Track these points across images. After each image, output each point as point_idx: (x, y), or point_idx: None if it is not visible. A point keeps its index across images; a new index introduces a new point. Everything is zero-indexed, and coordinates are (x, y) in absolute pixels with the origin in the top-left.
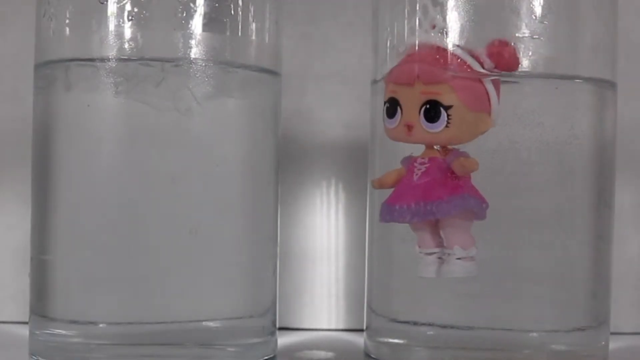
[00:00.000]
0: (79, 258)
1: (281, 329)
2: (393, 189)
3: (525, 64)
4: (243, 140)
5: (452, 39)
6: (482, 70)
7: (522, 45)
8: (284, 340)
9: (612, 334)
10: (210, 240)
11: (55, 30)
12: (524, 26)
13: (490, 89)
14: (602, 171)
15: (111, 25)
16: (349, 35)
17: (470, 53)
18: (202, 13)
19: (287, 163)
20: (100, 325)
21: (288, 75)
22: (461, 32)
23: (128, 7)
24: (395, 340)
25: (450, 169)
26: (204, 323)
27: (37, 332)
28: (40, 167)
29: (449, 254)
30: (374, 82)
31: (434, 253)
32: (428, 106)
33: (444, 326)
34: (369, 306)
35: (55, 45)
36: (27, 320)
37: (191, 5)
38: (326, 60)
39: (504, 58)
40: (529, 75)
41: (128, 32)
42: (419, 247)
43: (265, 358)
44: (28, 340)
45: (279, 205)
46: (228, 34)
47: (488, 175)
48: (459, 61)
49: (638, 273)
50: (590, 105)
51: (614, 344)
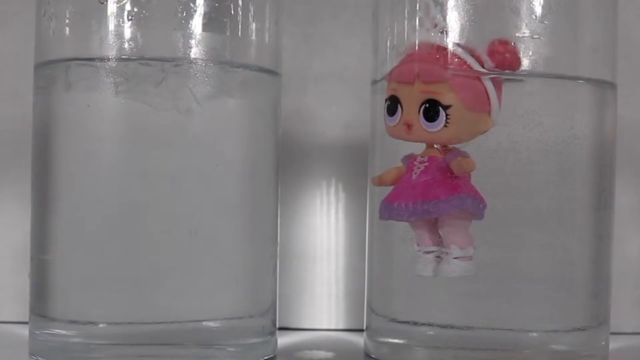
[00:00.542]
0: (79, 258)
1: (281, 329)
2: (393, 186)
3: (525, 63)
4: (243, 140)
5: (453, 38)
6: (482, 70)
7: (522, 45)
8: (284, 340)
9: (612, 334)
10: (210, 240)
11: (55, 30)
12: (524, 26)
13: (491, 89)
14: (602, 171)
15: (111, 25)
16: (349, 35)
17: (470, 52)
18: (202, 13)
19: (287, 163)
20: (100, 325)
21: (288, 75)
22: (461, 32)
23: (128, 7)
24: (395, 340)
25: (449, 168)
26: (204, 323)
27: (37, 332)
28: (40, 167)
29: (446, 253)
30: (374, 82)
31: (432, 252)
32: (427, 105)
33: (444, 326)
34: (369, 306)
35: (55, 45)
36: (27, 320)
37: (191, 5)
38: (326, 60)
39: (505, 57)
40: (529, 75)
41: (128, 32)
42: (418, 246)
43: (265, 358)
44: (28, 340)
45: (279, 205)
46: (228, 34)
47: (488, 175)
48: (459, 60)
49: (638, 273)
50: (590, 105)
51: (614, 344)
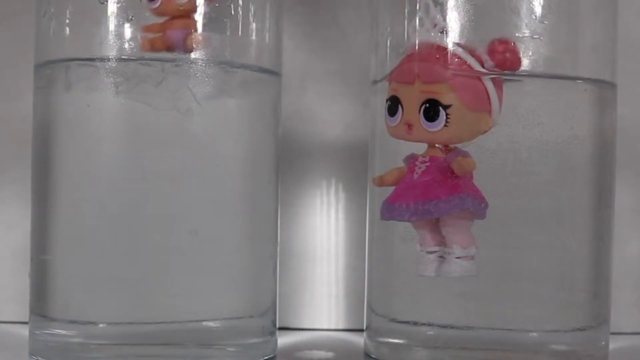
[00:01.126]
0: (79, 258)
1: (281, 329)
2: (394, 187)
3: (525, 63)
4: (243, 140)
5: (453, 38)
6: (483, 70)
7: (522, 45)
8: (284, 340)
9: (612, 334)
10: (210, 240)
11: (55, 30)
12: (524, 26)
13: (491, 89)
14: (602, 171)
15: (111, 25)
16: (349, 35)
17: (470, 52)
18: (202, 13)
19: (287, 163)
20: (100, 325)
21: (288, 75)
22: (461, 32)
23: (128, 7)
24: (395, 340)
25: (450, 168)
26: (204, 323)
27: (37, 332)
28: (40, 167)
29: (449, 253)
30: (374, 83)
31: (435, 252)
32: (427, 105)
33: (444, 326)
34: (369, 306)
35: (55, 45)
36: (27, 320)
37: None
38: (326, 60)
39: (505, 57)
40: (529, 75)
41: (128, 32)
42: (421, 246)
43: (265, 358)
44: (28, 340)
45: (279, 205)
46: (228, 34)
47: (488, 175)
48: (459, 60)
49: (638, 273)
50: (590, 105)
51: (614, 344)
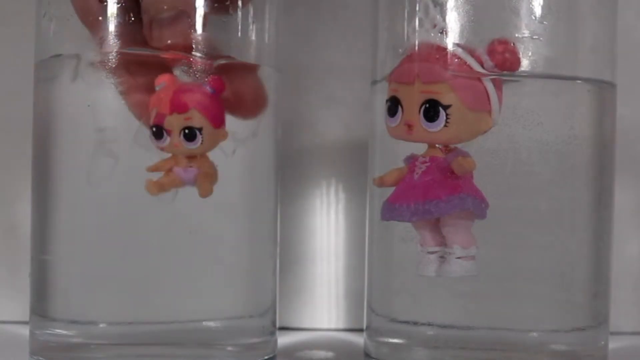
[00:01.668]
0: (79, 258)
1: (281, 329)
2: (394, 187)
3: (525, 64)
4: (243, 140)
5: (453, 38)
6: (482, 70)
7: (522, 46)
8: (284, 340)
9: (612, 334)
10: (210, 240)
11: (55, 30)
12: (523, 26)
13: (491, 89)
14: (602, 171)
15: (111, 26)
16: (349, 35)
17: (470, 52)
18: (202, 13)
19: (287, 163)
20: (101, 325)
21: (288, 76)
22: (461, 32)
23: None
24: (395, 340)
25: (450, 168)
26: (204, 323)
27: (37, 332)
28: (41, 167)
29: (449, 253)
30: (374, 83)
31: (436, 252)
32: (427, 105)
33: (444, 326)
34: (369, 306)
35: (55, 45)
36: (27, 320)
37: None
38: (326, 60)
39: (505, 57)
40: (529, 76)
41: (128, 32)
42: (421, 246)
43: (265, 358)
44: (28, 340)
45: (279, 205)
46: (228, 34)
47: (488, 175)
48: (458, 61)
49: (638, 273)
50: (590, 105)
51: (614, 344)
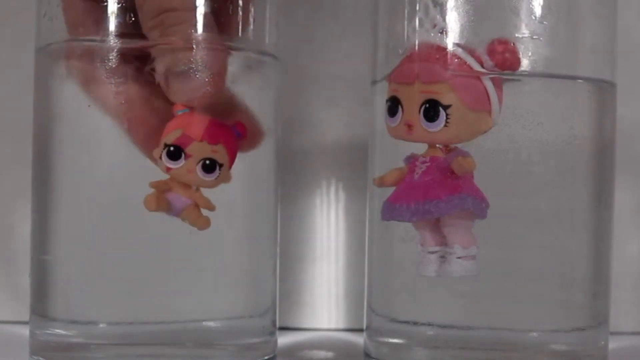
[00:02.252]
0: (79, 258)
1: (281, 329)
2: (395, 187)
3: (525, 64)
4: None
5: (453, 38)
6: (482, 70)
7: (522, 46)
8: (284, 340)
9: (612, 334)
10: (210, 240)
11: (55, 30)
12: (523, 26)
13: (491, 89)
14: (602, 171)
15: (111, 26)
16: (349, 36)
17: (470, 52)
18: (202, 13)
19: (287, 163)
20: (101, 325)
21: (288, 76)
22: (461, 32)
23: (128, 7)
24: (395, 340)
25: (450, 168)
26: (204, 323)
27: (37, 332)
28: (41, 167)
29: (450, 253)
30: (374, 83)
31: (436, 252)
32: (427, 105)
33: (444, 326)
34: (369, 306)
35: (55, 45)
36: (27, 320)
37: None
38: (326, 60)
39: (505, 57)
40: (529, 75)
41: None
42: (422, 246)
43: (265, 358)
44: (28, 340)
45: (279, 205)
46: (228, 34)
47: (488, 175)
48: (459, 61)
49: (638, 273)
50: (590, 105)
51: (614, 344)
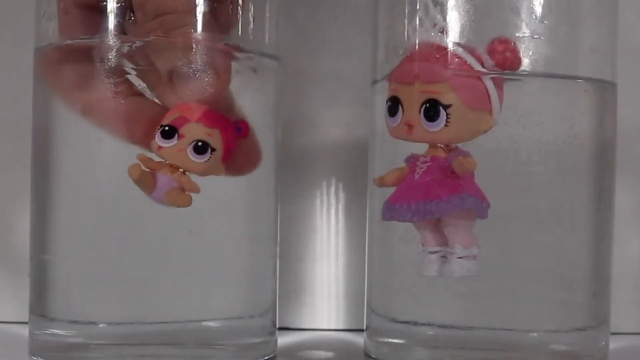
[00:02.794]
0: (79, 258)
1: (281, 329)
2: (395, 187)
3: (525, 63)
4: None
5: (453, 38)
6: (482, 69)
7: (522, 45)
8: (284, 340)
9: (612, 334)
10: (210, 241)
11: (54, 30)
12: (524, 26)
13: (491, 88)
14: (602, 171)
15: (111, 25)
16: (349, 36)
17: (470, 52)
18: (202, 13)
19: (287, 163)
20: (100, 325)
21: (288, 76)
22: (461, 32)
23: (128, 7)
24: (395, 340)
25: (451, 168)
26: (204, 323)
27: (37, 332)
28: (40, 167)
29: (451, 253)
30: (374, 82)
31: (437, 252)
32: (428, 105)
33: (444, 326)
34: (369, 306)
35: (54, 45)
36: (27, 320)
37: None
38: (326, 60)
39: (505, 57)
40: (529, 75)
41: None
42: (423, 246)
43: (265, 358)
44: (28, 340)
45: (279, 205)
46: (228, 34)
47: (488, 175)
48: (459, 60)
49: (638, 273)
50: (590, 105)
51: (614, 344)
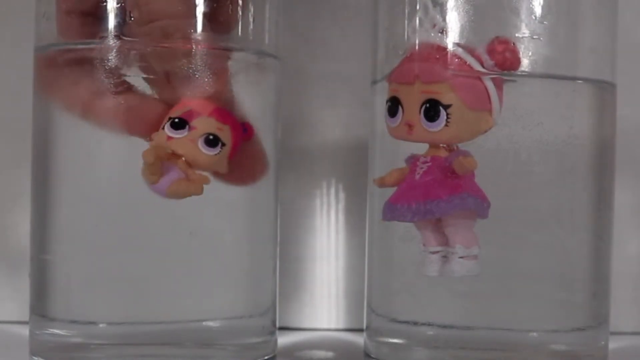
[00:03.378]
0: (79, 258)
1: (281, 329)
2: (396, 187)
3: (525, 64)
4: None
5: (453, 38)
6: (482, 69)
7: (522, 46)
8: (284, 340)
9: (612, 334)
10: (210, 241)
11: (54, 30)
12: (523, 26)
13: (491, 88)
14: (602, 171)
15: (111, 25)
16: (349, 36)
17: (470, 52)
18: (200, 14)
19: (287, 163)
20: (100, 325)
21: (288, 76)
22: (461, 32)
23: (128, 7)
24: (395, 340)
25: (451, 168)
26: (204, 323)
27: (37, 332)
28: (40, 167)
29: (452, 253)
30: (374, 83)
31: (438, 252)
32: (428, 105)
33: (444, 326)
34: (369, 306)
35: (54, 46)
36: (27, 320)
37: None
38: (326, 60)
39: (505, 57)
40: (529, 75)
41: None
42: (424, 246)
43: (265, 358)
44: (28, 340)
45: (279, 206)
46: (228, 34)
47: (488, 175)
48: (459, 60)
49: (638, 273)
50: (590, 105)
51: (614, 344)
